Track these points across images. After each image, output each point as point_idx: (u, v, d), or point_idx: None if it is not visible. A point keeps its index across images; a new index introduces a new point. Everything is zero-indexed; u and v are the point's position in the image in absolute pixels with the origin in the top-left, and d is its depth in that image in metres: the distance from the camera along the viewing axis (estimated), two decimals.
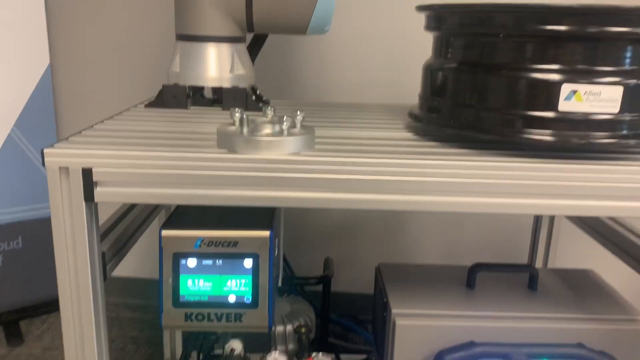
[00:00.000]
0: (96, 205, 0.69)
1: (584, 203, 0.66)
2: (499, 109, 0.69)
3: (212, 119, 0.88)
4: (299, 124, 0.70)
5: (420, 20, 0.81)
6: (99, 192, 0.66)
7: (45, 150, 0.64)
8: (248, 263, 0.72)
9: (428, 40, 0.81)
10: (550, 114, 0.66)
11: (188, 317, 0.73)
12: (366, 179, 0.66)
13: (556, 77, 0.66)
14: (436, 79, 0.77)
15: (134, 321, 1.50)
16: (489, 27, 0.69)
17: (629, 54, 0.66)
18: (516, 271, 0.95)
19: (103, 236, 0.79)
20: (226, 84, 0.97)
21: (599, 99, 0.65)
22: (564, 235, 1.35)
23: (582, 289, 0.92)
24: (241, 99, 0.97)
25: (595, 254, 1.36)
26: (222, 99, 0.97)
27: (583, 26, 0.64)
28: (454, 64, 0.74)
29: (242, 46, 1.00)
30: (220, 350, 0.95)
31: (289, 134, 0.67)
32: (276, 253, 0.79)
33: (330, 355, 0.90)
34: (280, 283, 0.93)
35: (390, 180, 0.66)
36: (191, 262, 0.72)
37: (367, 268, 1.43)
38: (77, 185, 0.65)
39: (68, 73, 1.41)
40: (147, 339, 1.42)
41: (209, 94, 1.03)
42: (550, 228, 1.15)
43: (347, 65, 1.32)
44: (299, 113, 0.71)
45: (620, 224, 0.91)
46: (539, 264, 1.17)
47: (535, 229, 1.18)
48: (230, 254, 0.72)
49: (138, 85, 1.37)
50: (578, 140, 0.66)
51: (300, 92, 1.35)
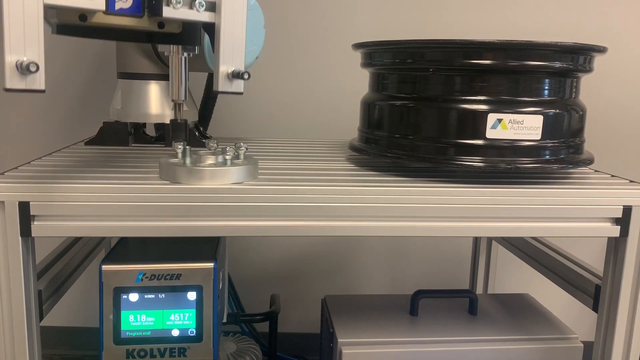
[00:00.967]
0: (33, 241, 0.67)
1: (513, 224, 0.70)
2: (432, 138, 0.73)
3: (155, 155, 0.88)
4: (242, 155, 0.72)
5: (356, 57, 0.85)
6: (37, 227, 0.64)
7: None
8: (192, 296, 0.71)
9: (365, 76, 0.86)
10: (479, 142, 0.71)
11: (130, 354, 0.71)
12: (308, 206, 0.67)
13: (483, 107, 0.70)
14: (373, 112, 0.81)
15: None
16: (420, 63, 0.74)
17: (547, 85, 0.72)
18: (456, 297, 0.98)
19: (41, 273, 0.76)
20: (168, 121, 0.98)
21: (522, 127, 0.70)
22: (502, 262, 1.40)
23: (519, 312, 0.96)
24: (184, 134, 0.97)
25: (530, 278, 1.42)
26: (165, 134, 0.98)
27: (504, 60, 0.70)
28: (389, 98, 0.78)
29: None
30: None
31: (233, 164, 0.68)
32: (220, 286, 0.78)
33: None
34: (225, 319, 0.92)
35: (332, 207, 0.68)
36: (133, 297, 0.71)
37: (316, 307, 1.43)
38: (13, 219, 0.63)
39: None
40: None
41: (151, 131, 1.03)
42: (488, 255, 1.20)
43: (290, 103, 1.36)
44: (242, 145, 0.72)
45: (551, 248, 0.96)
46: (479, 290, 1.21)
47: (475, 256, 1.23)
48: (173, 287, 0.71)
49: (78, 124, 1.35)
50: (505, 165, 0.70)
51: (243, 130, 1.37)
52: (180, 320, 0.71)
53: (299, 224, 0.68)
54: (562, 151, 0.74)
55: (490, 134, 0.70)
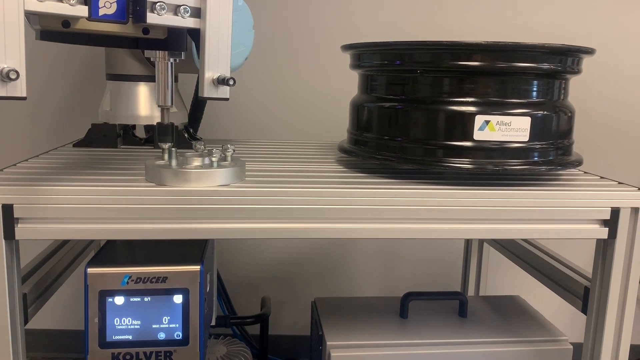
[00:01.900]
0: (17, 244, 0.66)
1: (501, 226, 0.70)
2: (420, 140, 0.73)
3: (143, 157, 0.87)
4: (229, 157, 0.71)
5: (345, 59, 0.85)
6: (21, 229, 0.64)
7: None
8: (178, 299, 0.71)
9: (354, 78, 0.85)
10: (467, 143, 0.70)
11: (115, 358, 0.70)
12: (295, 208, 0.67)
13: (470, 109, 0.70)
14: (362, 114, 0.81)
15: None
16: (408, 64, 0.74)
17: (535, 87, 0.72)
18: (446, 299, 0.98)
19: (26, 277, 0.76)
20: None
21: (509, 128, 0.70)
22: (494, 264, 1.40)
23: (509, 314, 0.95)
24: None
25: (523, 280, 1.42)
26: (154, 137, 0.97)
27: (492, 62, 0.70)
28: (377, 100, 0.78)
29: (174, 85, 1.01)
30: None
31: (219, 166, 0.68)
32: (208, 288, 0.78)
33: None
34: (213, 322, 0.91)
35: (320, 209, 0.67)
36: (118, 300, 0.70)
37: (307, 309, 1.43)
38: None
39: None
40: None
41: (141, 133, 1.02)
42: (479, 257, 1.20)
43: (278, 105, 1.35)
44: (229, 147, 0.72)
45: (541, 250, 0.96)
46: (471, 292, 1.21)
47: (466, 258, 1.22)
48: (159, 290, 0.70)
49: (68, 126, 1.34)
50: (493, 167, 0.70)
51: (233, 132, 1.36)
52: (166, 324, 0.71)
53: (286, 227, 0.67)
54: (551, 153, 0.74)
55: (477, 135, 0.70)
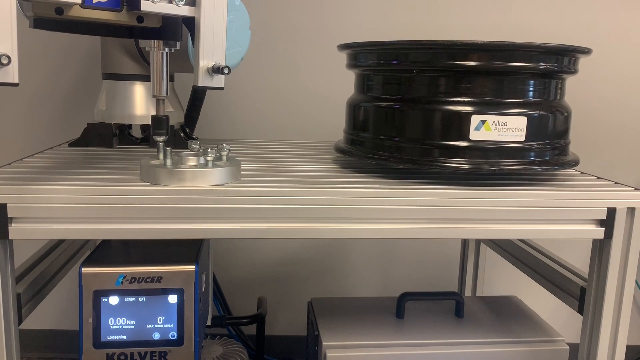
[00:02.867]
0: (11, 243, 0.66)
1: (498, 227, 0.69)
2: (416, 139, 0.72)
3: (138, 156, 0.87)
4: (224, 157, 0.71)
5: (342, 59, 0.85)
6: (14, 229, 0.63)
7: None
8: (172, 299, 0.70)
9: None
10: (463, 143, 0.70)
11: (110, 358, 0.70)
12: (291, 208, 0.66)
13: (466, 109, 0.70)
14: (358, 114, 0.81)
15: None
16: (404, 64, 0.73)
17: (531, 87, 0.72)
18: (443, 299, 0.97)
19: (21, 277, 0.75)
20: None
21: (505, 128, 0.70)
22: (491, 264, 1.40)
23: (506, 315, 0.95)
24: (169, 136, 0.96)
25: (520, 280, 1.42)
26: (150, 136, 0.97)
27: (488, 62, 0.69)
28: (374, 99, 0.78)
29: (170, 85, 1.00)
30: None
31: (214, 166, 0.68)
32: (203, 288, 0.77)
33: None
34: (209, 322, 0.91)
35: (315, 208, 0.67)
36: (113, 300, 0.70)
37: (304, 310, 1.42)
38: None
39: None
40: None
41: (137, 133, 1.02)
42: (476, 257, 1.20)
43: (274, 104, 1.35)
44: (224, 146, 0.72)
45: (538, 250, 0.95)
46: (468, 292, 1.21)
47: (463, 258, 1.22)
48: (153, 289, 0.70)
49: (64, 125, 1.34)
50: (489, 167, 0.70)
51: (230, 131, 1.36)
52: (161, 324, 0.70)
53: (282, 226, 0.67)
54: (547, 153, 0.74)
55: (473, 135, 0.70)
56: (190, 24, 0.61)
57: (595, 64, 1.33)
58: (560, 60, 0.72)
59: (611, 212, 0.70)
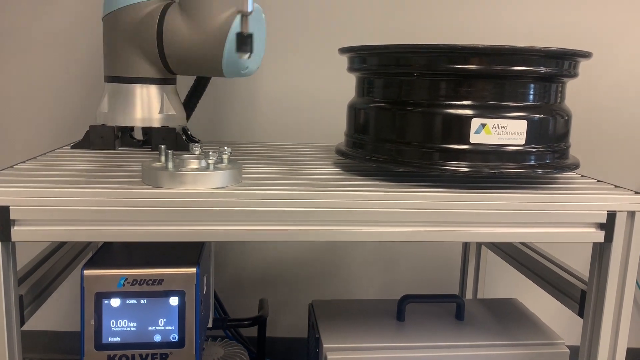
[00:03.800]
0: (13, 245, 0.66)
1: (498, 230, 0.70)
2: (417, 142, 0.73)
3: (140, 159, 0.87)
4: (225, 159, 0.71)
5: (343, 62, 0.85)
6: (17, 232, 0.64)
7: None
8: (174, 301, 0.71)
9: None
10: (463, 146, 0.70)
11: None
12: (293, 211, 0.67)
13: (466, 112, 0.70)
14: (359, 117, 0.81)
15: None
16: (404, 67, 0.74)
17: (531, 90, 0.72)
18: (443, 302, 0.98)
19: (23, 279, 0.76)
20: (156, 124, 0.97)
21: (506, 131, 0.70)
22: (493, 267, 1.40)
23: (506, 318, 0.95)
24: (171, 138, 0.97)
25: (521, 283, 1.42)
26: (152, 139, 0.97)
27: (489, 65, 0.70)
28: (374, 102, 0.78)
29: (172, 87, 1.01)
30: None
31: (215, 169, 0.68)
32: (204, 291, 0.78)
33: None
34: (210, 324, 0.91)
35: (317, 211, 0.67)
36: (114, 302, 0.70)
37: (305, 312, 1.42)
38: None
39: None
40: None
41: (139, 135, 1.03)
42: (477, 260, 1.20)
43: (278, 107, 1.35)
44: (226, 149, 0.72)
45: (539, 253, 0.96)
46: (469, 295, 1.21)
47: (464, 261, 1.22)
48: (155, 292, 0.70)
49: (66, 128, 1.35)
50: (489, 170, 0.70)
51: (231, 134, 1.36)
52: (162, 326, 0.71)
53: (283, 229, 0.67)
54: (547, 156, 0.74)
55: (474, 138, 0.70)
56: None
57: (595, 67, 1.33)
58: (560, 64, 0.72)
59: (611, 216, 0.71)
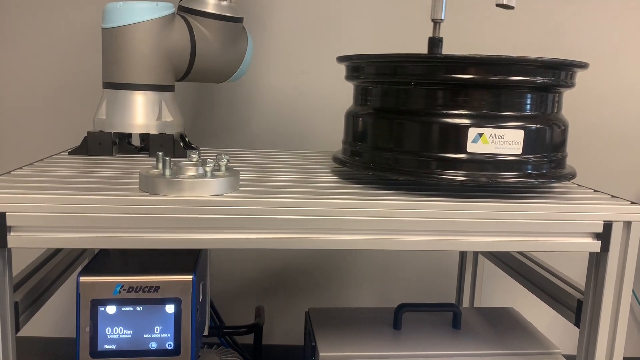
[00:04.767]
0: (9, 252, 0.66)
1: (495, 239, 0.70)
2: (414, 151, 0.73)
3: (137, 166, 0.87)
4: (223, 167, 0.71)
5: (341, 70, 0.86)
6: (13, 238, 0.64)
7: None
8: (170, 308, 0.71)
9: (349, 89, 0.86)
10: (460, 156, 0.71)
11: None
12: (290, 219, 0.67)
13: (464, 122, 0.70)
14: (357, 125, 0.81)
15: None
16: (402, 76, 0.74)
17: (528, 100, 0.72)
18: (440, 310, 0.97)
19: (18, 285, 0.75)
20: (153, 131, 0.97)
21: (503, 141, 0.70)
22: (490, 276, 1.40)
23: (503, 327, 0.95)
24: (168, 145, 0.97)
25: (518, 292, 1.42)
26: (149, 146, 0.97)
27: (486, 75, 0.70)
28: (372, 111, 0.78)
29: (170, 94, 1.01)
30: None
31: (213, 176, 0.68)
32: (200, 298, 0.77)
33: None
34: (206, 332, 0.91)
35: (314, 219, 0.67)
36: (110, 309, 0.70)
37: (302, 319, 1.42)
38: None
39: None
40: None
41: (137, 142, 1.03)
42: (474, 269, 1.20)
43: (276, 115, 1.36)
44: (223, 156, 0.72)
45: (535, 262, 0.96)
46: (466, 304, 1.21)
47: (461, 270, 1.22)
48: (151, 299, 0.70)
49: (63, 134, 1.35)
50: (486, 179, 0.70)
51: (229, 141, 1.37)
52: (158, 333, 0.70)
53: (280, 237, 0.67)
54: (544, 166, 0.74)
55: (471, 148, 0.70)
56: None
57: (592, 77, 1.34)
58: (557, 74, 0.73)
59: (607, 226, 0.71)
